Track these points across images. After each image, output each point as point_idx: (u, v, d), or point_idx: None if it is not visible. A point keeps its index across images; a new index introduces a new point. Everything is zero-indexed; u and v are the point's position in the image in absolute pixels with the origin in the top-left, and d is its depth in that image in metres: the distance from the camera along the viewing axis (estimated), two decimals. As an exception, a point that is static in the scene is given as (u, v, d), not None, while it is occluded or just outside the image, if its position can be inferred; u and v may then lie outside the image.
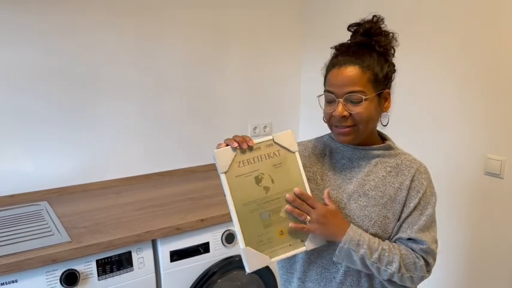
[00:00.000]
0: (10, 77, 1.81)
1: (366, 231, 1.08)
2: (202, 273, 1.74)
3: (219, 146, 1.04)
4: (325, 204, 1.08)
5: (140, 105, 2.14)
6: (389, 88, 1.14)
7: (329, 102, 1.11)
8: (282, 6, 2.49)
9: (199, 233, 1.73)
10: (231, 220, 1.03)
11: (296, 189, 1.06)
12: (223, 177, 1.01)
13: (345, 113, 1.07)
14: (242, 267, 1.80)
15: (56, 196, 1.95)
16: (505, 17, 1.64)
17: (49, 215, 1.73)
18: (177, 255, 1.68)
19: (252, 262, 1.03)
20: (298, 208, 1.06)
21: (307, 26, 2.56)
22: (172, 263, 1.67)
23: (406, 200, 1.10)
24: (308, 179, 1.14)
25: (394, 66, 1.15)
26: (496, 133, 1.72)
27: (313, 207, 1.06)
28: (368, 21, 1.12)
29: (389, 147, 1.16)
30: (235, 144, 1.03)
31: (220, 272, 1.77)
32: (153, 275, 1.65)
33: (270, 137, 1.07)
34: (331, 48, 1.16)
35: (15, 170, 1.87)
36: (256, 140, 1.05)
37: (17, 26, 1.79)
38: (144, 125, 2.16)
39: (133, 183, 2.15)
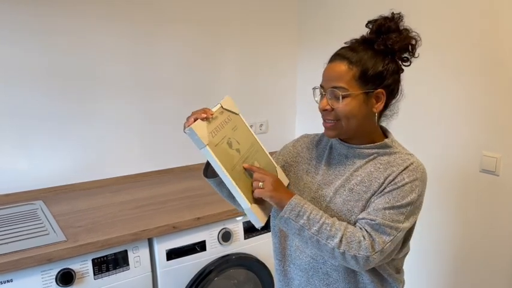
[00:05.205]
0: (5, 74, 1.80)
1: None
2: (198, 272, 1.74)
3: (187, 124, 1.05)
4: None
5: (136, 102, 2.13)
6: (384, 88, 1.09)
7: (320, 95, 1.13)
8: (279, 3, 2.49)
9: (196, 231, 1.72)
10: (228, 187, 1.05)
11: (245, 166, 1.11)
12: (208, 149, 1.03)
13: (327, 107, 1.09)
14: (239, 266, 1.82)
15: (51, 195, 1.94)
16: (504, 15, 1.64)
17: (44, 214, 1.72)
18: (173, 254, 1.68)
19: (261, 215, 1.07)
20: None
21: (304, 23, 2.55)
22: (168, 261, 1.67)
23: (382, 190, 1.07)
24: (306, 172, 1.20)
25: (397, 66, 1.11)
26: (492, 130, 1.72)
27: (265, 175, 1.09)
28: (382, 18, 1.11)
29: (386, 146, 1.13)
30: (204, 115, 1.05)
31: (217, 270, 1.76)
32: (150, 273, 1.64)
33: (219, 105, 1.12)
34: (344, 43, 1.15)
35: (10, 168, 1.86)
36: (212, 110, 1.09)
37: (12, 23, 1.78)
38: (140, 122, 2.16)
39: (130, 182, 2.14)
